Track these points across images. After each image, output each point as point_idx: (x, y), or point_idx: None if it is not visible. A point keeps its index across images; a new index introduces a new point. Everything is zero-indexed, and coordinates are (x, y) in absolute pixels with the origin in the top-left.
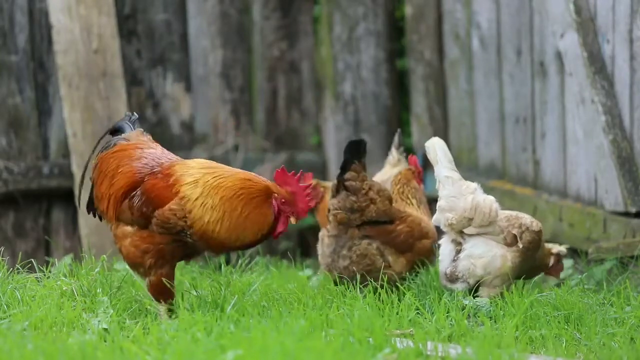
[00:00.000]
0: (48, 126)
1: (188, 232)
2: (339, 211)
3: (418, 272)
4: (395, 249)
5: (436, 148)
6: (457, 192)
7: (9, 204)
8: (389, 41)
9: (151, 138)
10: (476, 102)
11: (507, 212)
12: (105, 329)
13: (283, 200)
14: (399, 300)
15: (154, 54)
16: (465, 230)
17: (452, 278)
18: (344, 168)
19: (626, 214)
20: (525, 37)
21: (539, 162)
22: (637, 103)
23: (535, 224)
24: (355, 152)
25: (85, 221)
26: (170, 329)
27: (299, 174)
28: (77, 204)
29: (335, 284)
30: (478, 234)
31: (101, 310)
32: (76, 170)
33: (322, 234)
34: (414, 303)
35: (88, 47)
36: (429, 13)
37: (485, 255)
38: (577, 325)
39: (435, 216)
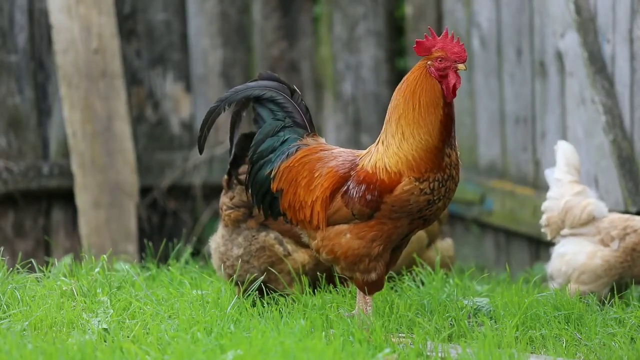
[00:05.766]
0: (48, 126)
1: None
2: (234, 210)
3: (417, 272)
4: (295, 240)
5: (558, 151)
6: (560, 194)
7: (8, 204)
8: (389, 41)
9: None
10: (476, 102)
11: (618, 215)
12: (105, 329)
13: (439, 59)
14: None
15: (153, 53)
16: (561, 232)
17: (551, 277)
18: (236, 163)
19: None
20: (526, 37)
21: (540, 162)
22: (637, 103)
23: None
24: (247, 146)
25: (85, 221)
26: (170, 329)
27: (430, 32)
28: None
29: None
30: (573, 235)
31: (101, 310)
32: (76, 170)
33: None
34: (414, 303)
35: (88, 47)
36: (429, 13)
37: (569, 252)
38: (578, 325)
39: (542, 218)
